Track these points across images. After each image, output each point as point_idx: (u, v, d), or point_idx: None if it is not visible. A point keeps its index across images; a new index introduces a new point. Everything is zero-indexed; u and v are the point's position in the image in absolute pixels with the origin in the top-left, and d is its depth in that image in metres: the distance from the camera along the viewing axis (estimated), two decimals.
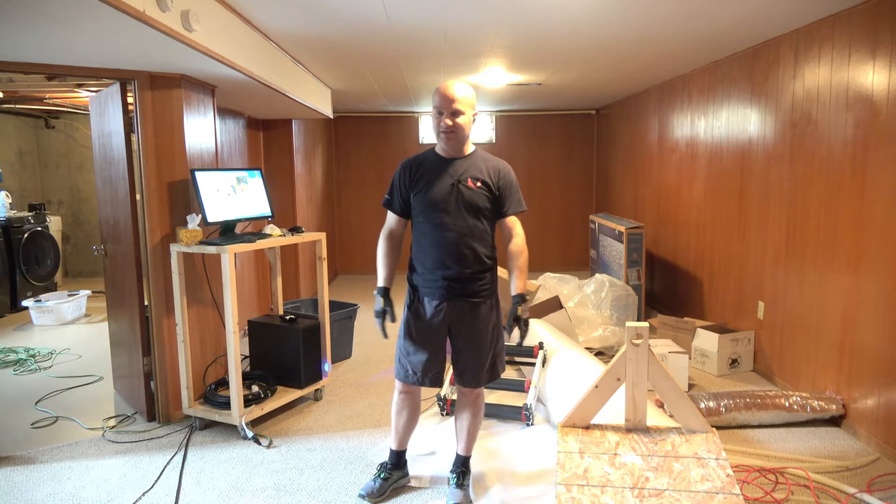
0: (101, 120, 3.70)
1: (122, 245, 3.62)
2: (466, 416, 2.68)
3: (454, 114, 2.40)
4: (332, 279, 8.29)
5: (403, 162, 2.58)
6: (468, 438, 2.71)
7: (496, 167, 2.52)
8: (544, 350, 3.75)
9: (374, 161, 8.57)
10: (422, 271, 2.52)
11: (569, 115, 8.49)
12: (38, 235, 6.79)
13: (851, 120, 3.26)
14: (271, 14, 3.33)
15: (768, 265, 4.12)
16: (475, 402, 2.66)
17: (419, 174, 2.50)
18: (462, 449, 2.74)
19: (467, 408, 2.67)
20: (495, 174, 2.50)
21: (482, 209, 2.46)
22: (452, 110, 2.40)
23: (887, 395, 3.05)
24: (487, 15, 3.43)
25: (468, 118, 2.44)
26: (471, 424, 2.69)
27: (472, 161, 2.51)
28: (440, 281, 2.47)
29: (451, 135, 2.43)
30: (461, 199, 2.44)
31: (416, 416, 2.72)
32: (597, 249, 6.48)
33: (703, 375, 4.28)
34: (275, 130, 6.05)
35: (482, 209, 2.46)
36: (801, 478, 2.82)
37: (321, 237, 3.88)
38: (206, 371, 3.63)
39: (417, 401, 2.70)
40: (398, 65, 4.86)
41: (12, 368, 4.66)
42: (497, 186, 2.49)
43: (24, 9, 2.21)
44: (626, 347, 2.18)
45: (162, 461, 3.10)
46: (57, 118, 7.98)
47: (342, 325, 4.65)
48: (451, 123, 2.40)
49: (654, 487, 1.92)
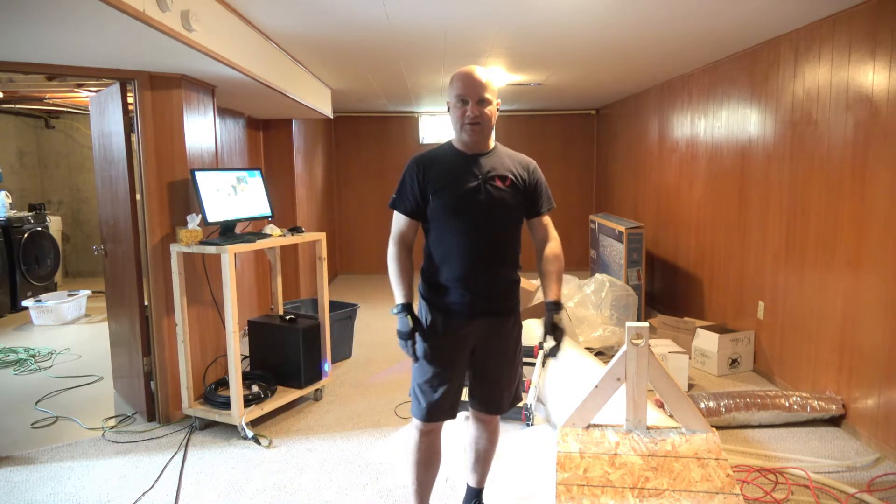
0: (101, 120, 3.70)
1: (122, 245, 3.62)
2: (483, 445, 2.39)
3: (481, 102, 2.06)
4: (332, 279, 8.29)
5: (416, 157, 2.19)
6: (483, 469, 2.45)
7: (524, 163, 2.22)
8: (544, 350, 3.74)
9: (374, 161, 8.57)
10: (441, 286, 2.15)
11: (569, 115, 8.49)
12: (38, 235, 6.79)
13: (851, 120, 3.26)
14: (271, 14, 3.32)
15: (768, 265, 4.12)
16: (495, 430, 2.39)
17: (438, 172, 2.13)
18: (476, 481, 2.48)
19: (486, 436, 2.38)
20: (524, 171, 2.19)
21: (512, 211, 2.15)
22: (480, 98, 2.06)
23: (887, 395, 3.05)
24: (487, 15, 3.43)
25: (494, 108, 2.11)
26: (487, 453, 2.41)
27: (497, 157, 2.17)
28: (465, 296, 2.12)
29: (477, 127, 2.08)
30: (490, 202, 2.10)
31: (438, 461, 2.31)
32: (597, 249, 6.48)
33: (703, 375, 4.28)
34: (275, 130, 6.05)
35: (512, 211, 2.15)
36: (801, 478, 2.82)
37: (321, 237, 3.88)
38: (206, 371, 3.63)
39: (439, 441, 2.29)
40: (398, 65, 4.85)
41: (12, 368, 4.66)
42: (526, 184, 2.18)
43: (23, 9, 2.21)
44: (626, 347, 2.18)
45: (162, 461, 3.10)
46: (57, 118, 7.98)
47: (342, 325, 4.65)
48: (479, 113, 2.06)
49: (654, 487, 1.91)
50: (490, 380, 2.26)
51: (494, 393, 2.28)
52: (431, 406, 2.16)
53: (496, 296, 2.19)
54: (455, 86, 2.10)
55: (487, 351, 2.22)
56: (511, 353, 2.26)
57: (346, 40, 3.98)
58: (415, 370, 2.20)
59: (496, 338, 2.22)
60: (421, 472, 2.26)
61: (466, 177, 2.11)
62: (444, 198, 2.10)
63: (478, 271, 2.13)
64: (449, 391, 2.15)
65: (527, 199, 2.20)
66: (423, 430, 2.21)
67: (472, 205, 2.10)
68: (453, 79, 2.12)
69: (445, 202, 2.10)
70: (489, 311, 2.18)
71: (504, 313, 2.22)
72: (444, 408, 2.16)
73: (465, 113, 2.07)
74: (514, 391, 2.31)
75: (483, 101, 2.07)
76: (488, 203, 2.10)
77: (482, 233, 2.12)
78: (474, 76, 2.07)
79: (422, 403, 2.17)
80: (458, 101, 2.09)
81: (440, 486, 2.78)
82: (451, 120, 2.16)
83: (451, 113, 2.15)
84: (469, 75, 2.07)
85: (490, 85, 2.09)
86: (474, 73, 2.07)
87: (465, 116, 2.08)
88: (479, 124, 2.09)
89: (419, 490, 2.30)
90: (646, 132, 6.45)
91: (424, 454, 2.24)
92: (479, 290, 2.14)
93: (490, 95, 2.08)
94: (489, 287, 2.16)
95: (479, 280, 2.13)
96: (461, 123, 2.10)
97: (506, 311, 2.22)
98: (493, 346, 2.22)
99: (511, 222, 2.17)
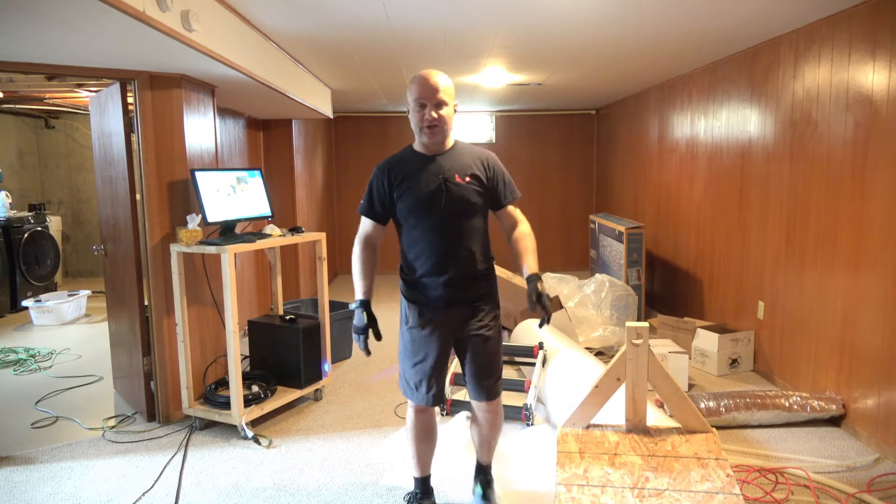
0: (101, 120, 3.70)
1: (122, 245, 3.62)
2: (487, 428, 2.50)
3: (438, 105, 2.20)
4: (332, 279, 8.29)
5: (380, 165, 2.35)
6: (490, 447, 2.58)
7: (482, 157, 2.34)
8: (544, 350, 3.75)
9: (374, 161, 8.43)
10: (417, 279, 2.32)
11: (569, 115, 8.48)
12: (38, 235, 6.79)
13: (851, 120, 3.26)
14: (271, 14, 3.33)
15: (768, 265, 4.12)
16: (497, 412, 2.47)
17: (401, 176, 2.28)
18: (485, 457, 2.60)
19: (489, 421, 2.48)
20: (483, 165, 2.32)
21: (475, 205, 2.28)
22: (437, 101, 2.19)
23: (887, 395, 3.05)
24: (487, 15, 3.43)
25: (451, 110, 2.24)
26: (491, 436, 2.53)
27: (456, 155, 2.31)
28: (439, 288, 2.28)
29: (436, 129, 2.22)
30: (452, 198, 2.24)
31: (433, 436, 2.50)
32: (597, 249, 6.48)
33: (703, 375, 4.28)
34: (275, 130, 6.05)
35: (475, 205, 2.28)
36: (801, 478, 2.82)
37: (321, 237, 3.88)
38: (206, 371, 3.63)
39: (433, 420, 2.47)
40: (398, 65, 4.86)
41: (12, 368, 4.66)
42: (487, 177, 2.31)
43: (23, 9, 2.21)
44: (626, 347, 2.18)
45: (162, 461, 3.10)
46: (57, 118, 7.98)
47: (342, 325, 4.65)
48: (436, 116, 2.19)
49: (654, 487, 1.92)
50: (478, 367, 2.37)
51: (486, 379, 2.39)
52: (417, 391, 2.35)
53: (468, 286, 2.32)
54: (413, 90, 2.23)
55: (468, 339, 2.35)
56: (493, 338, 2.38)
57: (346, 40, 3.98)
58: (401, 359, 2.40)
59: (476, 324, 2.34)
60: (418, 446, 2.48)
61: (428, 177, 2.26)
62: (409, 199, 2.26)
63: (448, 265, 2.27)
64: (430, 378, 2.32)
65: (489, 192, 2.33)
66: (416, 408, 2.42)
67: (436, 203, 2.24)
68: (411, 83, 2.25)
69: (411, 203, 2.26)
70: (464, 301, 2.32)
71: (478, 300, 2.35)
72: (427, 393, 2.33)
73: (424, 116, 2.21)
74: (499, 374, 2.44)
75: (440, 104, 2.20)
76: (450, 200, 2.25)
77: (448, 228, 2.26)
78: (430, 81, 2.20)
79: (409, 389, 2.38)
80: (416, 105, 2.22)
81: (443, 482, 2.80)
82: (411, 123, 2.29)
83: (410, 116, 2.28)
84: (426, 80, 2.20)
85: (447, 88, 2.23)
86: (430, 77, 2.21)
87: (423, 120, 2.22)
88: (437, 126, 2.22)
89: (418, 461, 2.52)
90: (646, 132, 6.45)
91: (416, 428, 2.45)
92: (452, 282, 2.28)
93: (446, 98, 2.21)
94: (461, 278, 2.29)
95: (450, 273, 2.27)
96: (420, 126, 2.24)
97: (479, 299, 2.35)
98: (474, 334, 2.34)
99: (474, 216, 2.30)
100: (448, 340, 2.35)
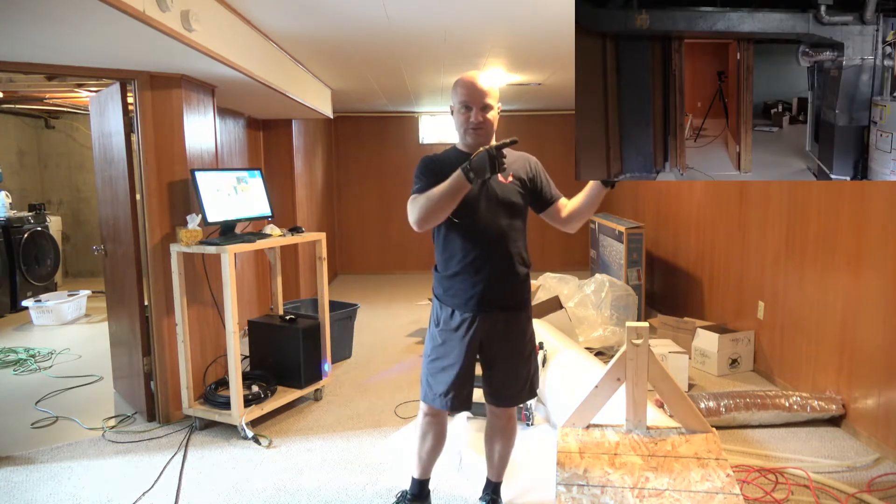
0: (101, 120, 3.70)
1: (122, 245, 3.62)
2: (500, 440, 2.47)
3: (485, 108, 2.18)
4: (332, 279, 8.29)
5: (425, 158, 2.30)
6: (501, 464, 2.53)
7: (524, 159, 2.34)
8: (544, 350, 3.75)
9: (374, 161, 8.56)
10: (451, 281, 2.26)
11: (569, 115, 8.47)
12: (38, 235, 6.79)
13: None
14: (271, 14, 3.32)
15: (768, 265, 4.12)
16: (509, 424, 2.44)
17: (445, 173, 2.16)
18: (494, 474, 2.56)
19: (500, 431, 2.45)
20: (525, 166, 2.31)
21: (517, 205, 2.25)
22: (483, 104, 2.17)
23: (887, 395, 3.05)
24: (487, 15, 3.43)
25: (496, 112, 2.24)
26: (504, 449, 2.49)
27: None
28: (473, 290, 2.22)
29: (481, 131, 2.20)
30: (495, 196, 2.20)
31: (442, 441, 2.46)
32: (597, 249, 6.48)
33: (703, 375, 4.28)
34: (275, 130, 6.05)
35: (517, 205, 2.25)
36: (801, 478, 2.82)
37: (321, 237, 3.88)
38: (206, 371, 3.63)
39: (444, 425, 2.43)
40: (398, 65, 4.85)
41: (12, 368, 4.66)
42: (529, 178, 2.29)
43: (23, 9, 2.21)
44: (626, 347, 2.18)
45: (162, 461, 3.10)
46: (57, 118, 7.98)
47: (342, 325, 4.65)
48: (482, 119, 2.18)
49: (654, 487, 1.92)
50: (501, 372, 2.32)
51: (508, 385, 2.34)
52: (436, 394, 2.28)
53: (506, 291, 2.27)
54: (459, 92, 2.21)
55: (497, 345, 2.29)
56: (522, 346, 2.33)
57: (346, 40, 3.98)
58: (425, 361, 2.33)
59: (508, 332, 2.29)
60: (423, 449, 2.44)
61: None
62: None
63: (486, 264, 2.21)
64: (455, 384, 2.24)
65: (534, 193, 2.31)
66: (427, 412, 2.37)
67: (478, 203, 2.19)
68: (457, 85, 2.22)
69: None
70: (500, 306, 2.26)
71: (515, 308, 2.30)
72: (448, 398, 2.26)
73: (469, 118, 2.19)
74: (529, 385, 2.38)
75: (486, 107, 2.19)
76: (493, 201, 2.21)
77: (489, 230, 2.21)
78: (477, 85, 2.17)
79: (428, 391, 2.31)
80: (461, 107, 2.20)
81: (452, 473, 2.81)
82: (455, 124, 2.26)
83: (454, 117, 2.26)
84: (473, 83, 2.18)
85: (492, 91, 2.20)
86: (477, 80, 2.18)
87: (468, 122, 2.19)
88: (483, 129, 2.20)
89: (420, 464, 2.49)
90: None
91: (425, 430, 2.41)
92: (489, 285, 2.22)
93: (492, 101, 2.20)
94: (498, 282, 2.24)
95: (488, 276, 2.22)
96: (465, 128, 2.21)
97: (516, 306, 2.30)
98: (503, 340, 2.29)
99: (515, 217, 2.26)
100: (477, 346, 2.28)
